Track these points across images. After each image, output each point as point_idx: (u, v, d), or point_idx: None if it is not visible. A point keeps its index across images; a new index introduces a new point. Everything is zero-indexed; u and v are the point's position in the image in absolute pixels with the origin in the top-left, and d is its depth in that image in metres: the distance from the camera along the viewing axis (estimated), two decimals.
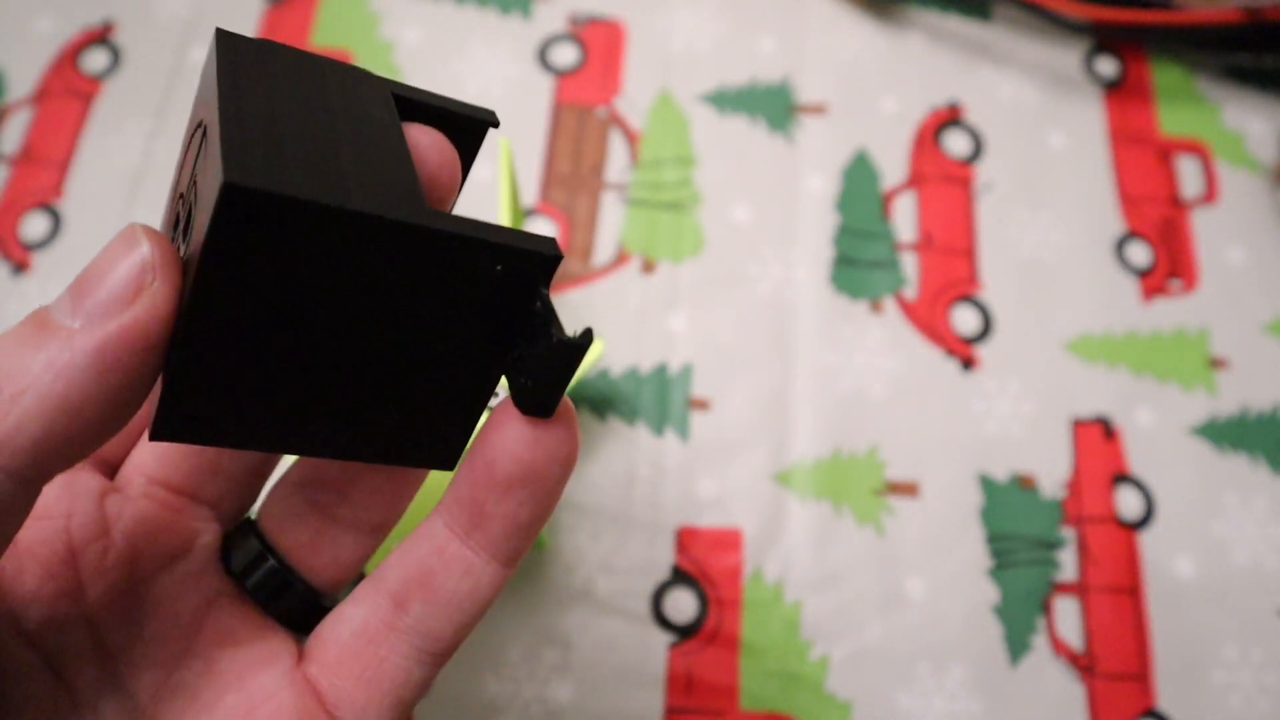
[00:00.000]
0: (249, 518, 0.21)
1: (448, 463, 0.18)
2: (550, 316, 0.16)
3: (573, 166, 0.37)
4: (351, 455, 0.18)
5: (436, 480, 0.24)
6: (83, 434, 0.14)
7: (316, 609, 0.20)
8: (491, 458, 0.17)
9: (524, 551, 0.18)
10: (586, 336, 0.16)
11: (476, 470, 0.17)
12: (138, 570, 0.19)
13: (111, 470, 0.20)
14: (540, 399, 0.17)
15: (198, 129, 0.16)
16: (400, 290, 0.15)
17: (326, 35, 0.40)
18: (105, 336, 0.14)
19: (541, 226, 0.36)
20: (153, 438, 0.16)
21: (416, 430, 0.18)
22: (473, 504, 0.18)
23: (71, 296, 0.14)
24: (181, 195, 0.17)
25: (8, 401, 0.14)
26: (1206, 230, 0.38)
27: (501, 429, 0.17)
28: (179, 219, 0.17)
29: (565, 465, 0.17)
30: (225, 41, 0.16)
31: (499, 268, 0.16)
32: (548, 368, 0.16)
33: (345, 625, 0.18)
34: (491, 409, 0.19)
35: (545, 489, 0.17)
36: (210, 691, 0.18)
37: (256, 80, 0.16)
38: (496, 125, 0.20)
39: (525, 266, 0.16)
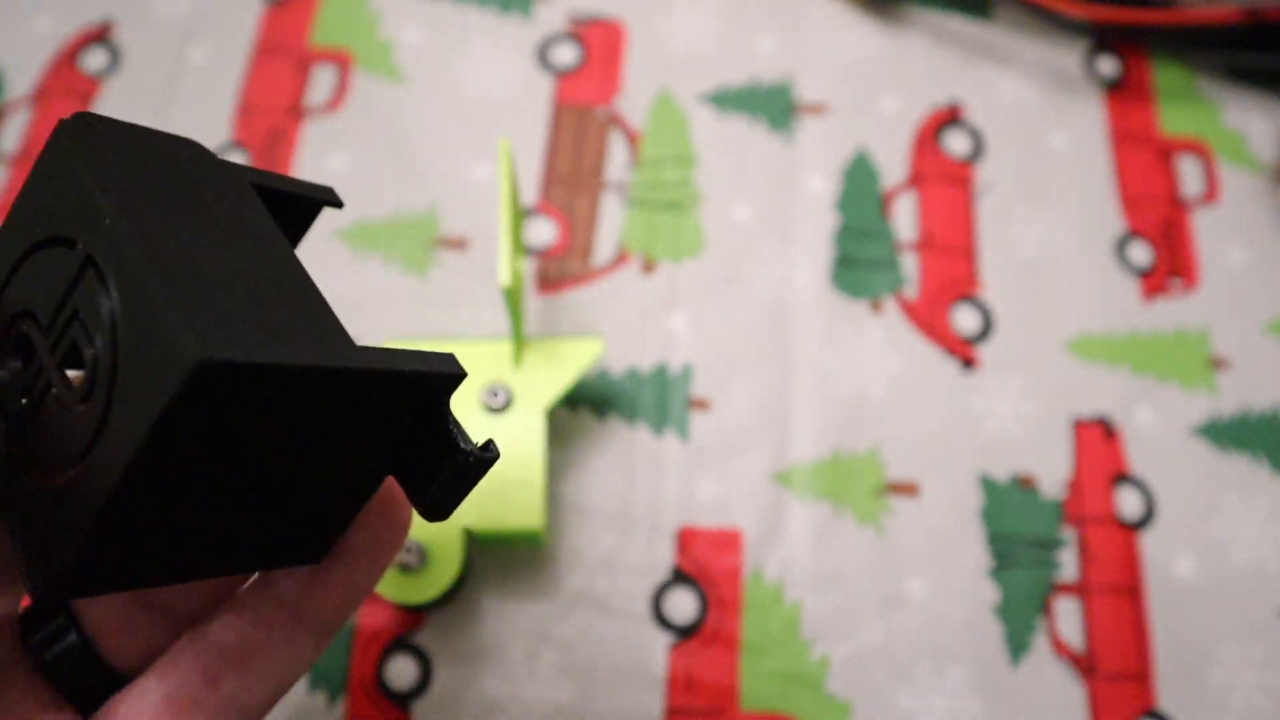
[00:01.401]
0: None
1: (317, 558, 0.18)
2: (460, 434, 0.17)
3: (573, 166, 0.37)
4: (234, 571, 0.17)
5: None
6: None
7: (111, 688, 0.19)
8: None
9: (345, 623, 0.18)
10: (492, 450, 0.16)
11: None
12: None
13: None
14: (447, 505, 0.17)
15: (55, 244, 0.15)
16: (321, 422, 0.15)
17: (326, 35, 0.39)
18: None
19: (541, 226, 0.36)
20: (43, 601, 0.14)
21: (300, 536, 0.18)
22: (313, 574, 0.18)
23: None
24: (30, 314, 0.15)
25: None
26: (1207, 230, 0.38)
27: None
28: (11, 339, 0.15)
29: (403, 533, 0.19)
30: (76, 136, 0.15)
31: (413, 391, 0.16)
32: (459, 479, 0.17)
33: (147, 699, 0.17)
34: None
35: (386, 557, 0.18)
36: None
37: (138, 194, 0.15)
38: (339, 206, 0.20)
39: (434, 387, 0.16)
